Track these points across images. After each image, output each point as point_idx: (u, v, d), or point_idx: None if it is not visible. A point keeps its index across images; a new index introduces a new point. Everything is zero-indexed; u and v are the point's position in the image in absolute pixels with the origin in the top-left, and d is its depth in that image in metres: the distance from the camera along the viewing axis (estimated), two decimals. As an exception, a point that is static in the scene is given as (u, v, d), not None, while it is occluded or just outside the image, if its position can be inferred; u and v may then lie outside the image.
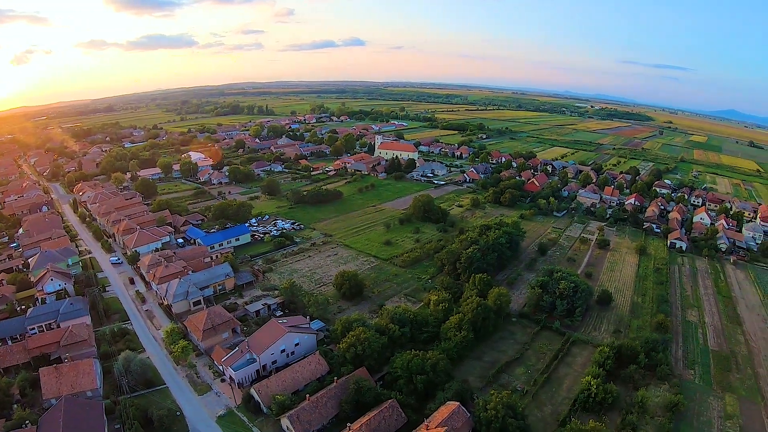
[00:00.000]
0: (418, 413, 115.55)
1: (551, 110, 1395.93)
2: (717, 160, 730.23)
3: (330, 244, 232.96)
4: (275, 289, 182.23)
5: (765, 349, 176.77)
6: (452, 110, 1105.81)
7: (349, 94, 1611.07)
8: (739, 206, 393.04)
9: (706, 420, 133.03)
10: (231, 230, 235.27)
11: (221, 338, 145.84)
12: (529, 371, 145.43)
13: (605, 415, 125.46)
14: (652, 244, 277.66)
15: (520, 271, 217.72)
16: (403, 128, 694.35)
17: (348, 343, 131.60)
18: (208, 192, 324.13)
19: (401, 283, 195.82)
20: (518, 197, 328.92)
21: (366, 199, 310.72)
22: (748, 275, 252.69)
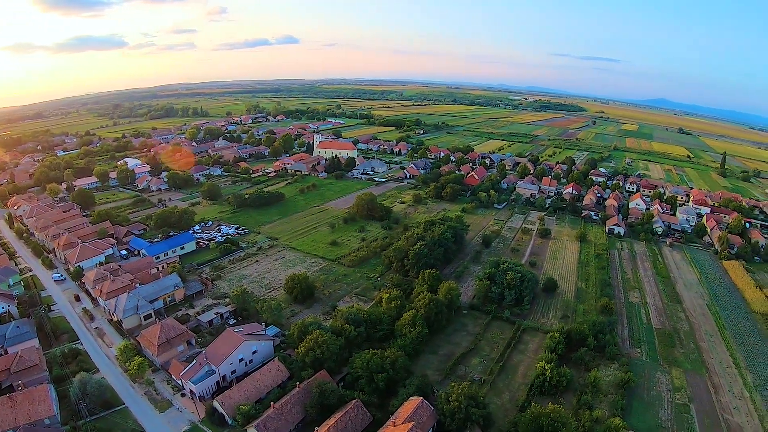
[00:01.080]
0: (382, 411, 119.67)
1: (486, 103, 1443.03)
2: (649, 148, 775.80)
3: (276, 248, 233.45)
4: (226, 297, 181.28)
5: (705, 324, 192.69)
6: (388, 106, 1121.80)
7: (285, 92, 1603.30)
8: (672, 191, 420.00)
9: (656, 394, 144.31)
10: (175, 239, 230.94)
11: (177, 351, 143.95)
12: (485, 361, 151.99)
13: (561, 397, 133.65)
14: (592, 231, 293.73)
15: (466, 264, 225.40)
16: (341, 126, 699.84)
17: (306, 347, 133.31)
18: (147, 200, 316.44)
19: (351, 283, 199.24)
20: (459, 191, 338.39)
21: (308, 200, 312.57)
22: (684, 256, 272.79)
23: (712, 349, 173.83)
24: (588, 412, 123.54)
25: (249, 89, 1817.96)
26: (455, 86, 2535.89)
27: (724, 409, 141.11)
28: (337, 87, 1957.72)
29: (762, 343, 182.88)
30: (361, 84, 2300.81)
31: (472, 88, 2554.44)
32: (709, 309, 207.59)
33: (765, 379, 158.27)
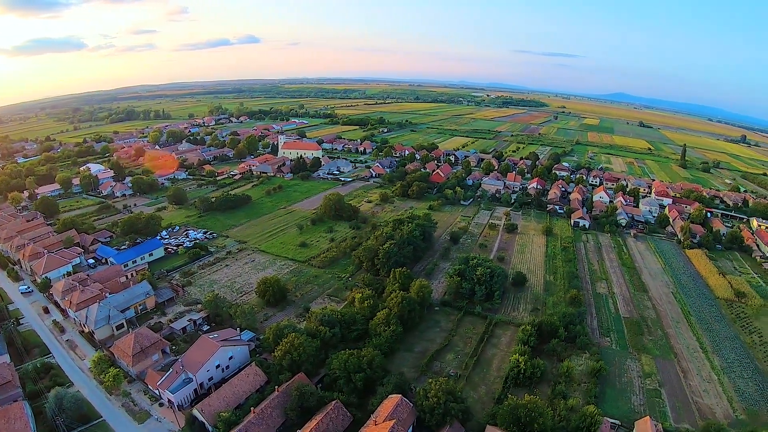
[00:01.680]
0: (362, 410, 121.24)
1: (449, 101, 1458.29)
2: (610, 141, 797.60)
3: (245, 251, 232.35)
4: (198, 303, 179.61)
5: (671, 311, 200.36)
6: (351, 105, 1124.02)
7: (247, 93, 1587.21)
8: (635, 183, 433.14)
9: (627, 380, 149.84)
10: (143, 245, 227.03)
11: (152, 361, 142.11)
12: (459, 356, 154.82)
13: (536, 388, 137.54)
14: (557, 224, 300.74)
15: (435, 261, 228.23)
16: (305, 126, 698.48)
17: (283, 350, 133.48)
18: (112, 206, 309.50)
19: (322, 284, 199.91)
20: (425, 189, 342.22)
21: (275, 202, 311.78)
22: (649, 246, 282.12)
23: (679, 335, 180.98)
24: (563, 401, 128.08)
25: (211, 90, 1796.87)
26: (418, 84, 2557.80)
27: (694, 392, 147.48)
28: (299, 86, 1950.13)
29: (727, 327, 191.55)
30: (323, 83, 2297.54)
31: (434, 85, 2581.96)
32: (675, 297, 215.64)
33: (731, 362, 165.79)
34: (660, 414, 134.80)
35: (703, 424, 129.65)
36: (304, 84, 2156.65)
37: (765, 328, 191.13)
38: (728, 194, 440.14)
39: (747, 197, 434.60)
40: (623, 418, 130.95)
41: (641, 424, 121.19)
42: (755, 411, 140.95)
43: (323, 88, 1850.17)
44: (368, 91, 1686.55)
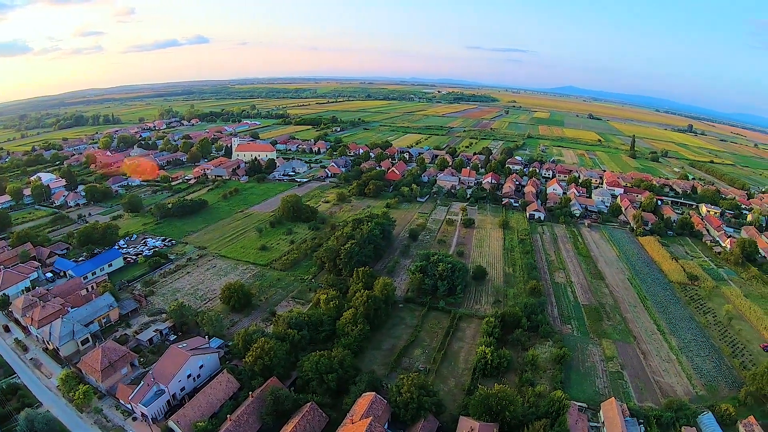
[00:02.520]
0: (337, 410, 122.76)
1: (400, 98, 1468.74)
2: (561, 134, 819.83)
3: (206, 257, 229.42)
4: (162, 313, 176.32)
5: (628, 296, 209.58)
6: (303, 104, 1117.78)
7: (197, 95, 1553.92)
8: (586, 174, 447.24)
9: (590, 365, 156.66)
10: (101, 256, 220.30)
11: (121, 375, 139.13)
12: (426, 351, 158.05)
13: (504, 378, 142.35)
14: (513, 217, 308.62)
15: (396, 258, 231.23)
16: (257, 127, 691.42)
17: (254, 355, 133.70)
18: (66, 216, 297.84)
19: (286, 287, 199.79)
20: (382, 187, 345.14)
21: (232, 205, 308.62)
22: (603, 235, 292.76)
23: (637, 319, 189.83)
24: (531, 389, 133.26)
25: (160, 93, 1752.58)
26: (369, 81, 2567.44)
27: (655, 372, 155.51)
28: (250, 87, 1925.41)
29: (682, 309, 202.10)
30: (274, 83, 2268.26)
31: (385, 82, 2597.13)
32: (631, 282, 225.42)
33: (688, 342, 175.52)
34: (624, 395, 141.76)
35: (665, 401, 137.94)
36: (254, 84, 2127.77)
37: (718, 309, 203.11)
38: (677, 182, 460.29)
39: (695, 184, 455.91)
40: (589, 400, 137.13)
41: (607, 405, 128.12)
42: (714, 386, 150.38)
43: (274, 88, 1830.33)
44: (319, 90, 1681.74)
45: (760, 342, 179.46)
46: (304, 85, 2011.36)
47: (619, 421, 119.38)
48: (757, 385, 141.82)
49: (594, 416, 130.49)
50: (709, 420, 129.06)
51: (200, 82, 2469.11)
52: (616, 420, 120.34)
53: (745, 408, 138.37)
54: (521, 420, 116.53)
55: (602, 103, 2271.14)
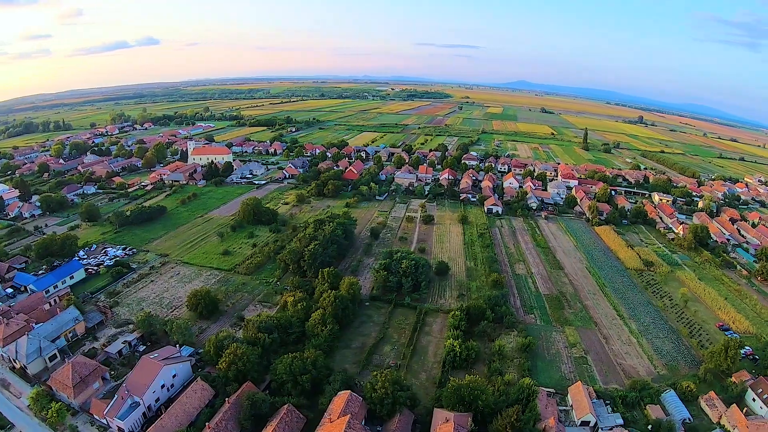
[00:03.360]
0: (313, 410, 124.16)
1: (354, 96, 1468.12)
2: (515, 128, 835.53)
3: (169, 264, 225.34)
4: (129, 324, 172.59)
5: (587, 285, 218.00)
6: (257, 105, 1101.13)
7: (148, 98, 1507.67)
8: (541, 168, 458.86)
9: (555, 351, 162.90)
10: (62, 269, 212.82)
11: (93, 389, 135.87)
12: (396, 347, 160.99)
13: (473, 369, 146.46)
14: (472, 212, 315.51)
15: (359, 257, 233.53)
16: (212, 129, 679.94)
17: (227, 361, 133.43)
18: (22, 228, 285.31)
19: (252, 291, 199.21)
20: (340, 187, 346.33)
21: (191, 211, 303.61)
22: (560, 226, 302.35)
23: (597, 306, 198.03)
24: (500, 378, 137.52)
25: (111, 96, 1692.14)
26: (322, 80, 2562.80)
27: (617, 355, 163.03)
28: (202, 88, 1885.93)
29: (639, 294, 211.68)
30: (226, 83, 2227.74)
31: (338, 81, 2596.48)
32: (589, 271, 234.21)
33: (647, 325, 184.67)
34: (589, 378, 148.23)
35: (629, 382, 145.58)
36: (206, 86, 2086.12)
37: (674, 292, 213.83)
38: (630, 172, 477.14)
39: (647, 174, 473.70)
40: (556, 386, 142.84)
41: (574, 389, 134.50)
42: (674, 365, 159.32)
43: (227, 89, 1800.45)
44: (273, 90, 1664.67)
45: (715, 322, 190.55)
46: (258, 85, 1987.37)
47: (587, 403, 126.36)
48: (715, 362, 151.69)
49: (562, 400, 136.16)
50: (671, 397, 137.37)
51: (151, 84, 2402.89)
52: (583, 402, 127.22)
53: (705, 384, 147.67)
54: (493, 408, 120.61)
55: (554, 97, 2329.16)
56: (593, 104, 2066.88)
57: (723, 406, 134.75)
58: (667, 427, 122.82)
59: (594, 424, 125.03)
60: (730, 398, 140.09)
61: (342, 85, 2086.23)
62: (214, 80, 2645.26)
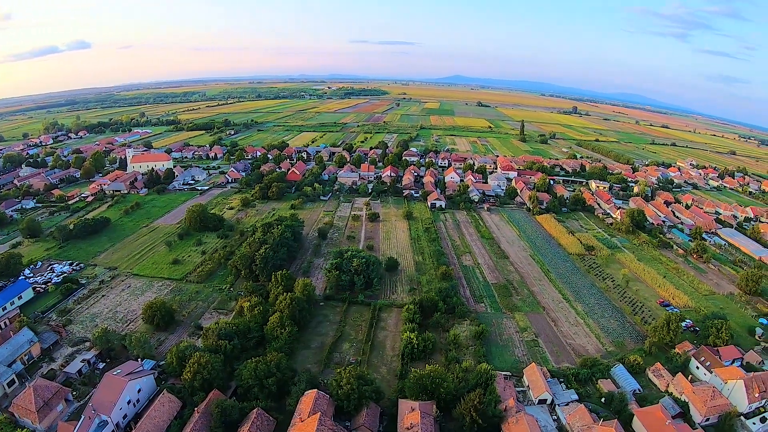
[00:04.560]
0: (282, 412, 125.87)
1: (291, 96, 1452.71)
2: (452, 123, 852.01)
3: (119, 277, 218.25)
4: (86, 341, 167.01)
5: (532, 272, 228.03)
6: (193, 108, 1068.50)
7: (81, 104, 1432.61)
8: (481, 161, 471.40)
9: (507, 337, 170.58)
10: (9, 289, 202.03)
11: (58, 412, 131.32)
12: (354, 344, 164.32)
13: (431, 359, 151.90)
14: (416, 208, 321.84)
15: (309, 258, 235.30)
16: (149, 135, 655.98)
17: (192, 370, 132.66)
18: None
19: (206, 299, 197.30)
20: (284, 189, 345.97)
21: (136, 221, 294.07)
22: (502, 217, 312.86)
23: (544, 291, 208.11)
24: (458, 365, 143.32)
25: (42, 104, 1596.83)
26: (258, 81, 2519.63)
27: (566, 336, 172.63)
28: (137, 93, 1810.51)
29: (583, 278, 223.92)
30: (161, 87, 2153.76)
31: (275, 80, 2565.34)
32: (533, 258, 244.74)
33: (592, 306, 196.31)
34: (542, 359, 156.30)
35: (579, 360, 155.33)
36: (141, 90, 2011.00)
37: (615, 274, 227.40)
38: (566, 162, 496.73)
39: (584, 163, 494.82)
40: (512, 369, 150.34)
41: (529, 370, 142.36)
42: (621, 342, 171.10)
43: (162, 92, 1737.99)
44: (208, 93, 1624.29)
45: (656, 299, 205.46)
46: (193, 88, 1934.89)
47: (542, 383, 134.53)
48: (659, 335, 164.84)
49: (519, 382, 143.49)
50: (620, 371, 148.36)
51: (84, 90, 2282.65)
52: (539, 382, 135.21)
53: (651, 357, 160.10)
54: (455, 394, 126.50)
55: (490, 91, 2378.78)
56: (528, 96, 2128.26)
57: (669, 376, 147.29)
58: (619, 399, 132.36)
59: (551, 401, 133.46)
60: (675, 368, 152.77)
61: (278, 85, 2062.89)
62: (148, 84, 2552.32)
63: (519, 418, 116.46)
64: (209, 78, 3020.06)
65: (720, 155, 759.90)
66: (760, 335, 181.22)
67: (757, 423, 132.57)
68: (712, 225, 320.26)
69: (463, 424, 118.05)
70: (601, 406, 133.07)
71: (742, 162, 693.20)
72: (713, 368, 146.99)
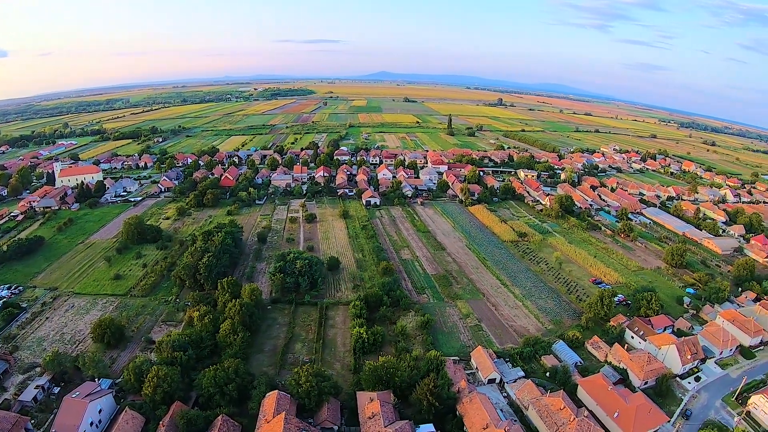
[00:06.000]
0: (245, 416, 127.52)
1: (217, 99, 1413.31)
2: (381, 120, 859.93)
3: (61, 298, 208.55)
4: (37, 367, 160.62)
5: (469, 261, 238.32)
6: (118, 116, 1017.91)
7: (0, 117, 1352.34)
8: (411, 156, 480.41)
9: (452, 324, 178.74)
10: None
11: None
12: (306, 344, 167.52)
13: (382, 351, 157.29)
14: (351, 206, 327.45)
15: (251, 263, 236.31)
16: (75, 147, 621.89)
17: (153, 385, 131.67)
18: None
19: (153, 312, 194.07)
20: (219, 195, 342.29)
21: (71, 237, 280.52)
22: (436, 210, 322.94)
23: (482, 279, 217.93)
24: (408, 355, 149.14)
25: None
26: (182, 84, 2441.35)
27: (507, 319, 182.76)
28: (58, 102, 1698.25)
29: (518, 263, 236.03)
30: (83, 95, 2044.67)
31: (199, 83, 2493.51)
32: (469, 248, 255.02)
33: (529, 289, 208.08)
34: (487, 342, 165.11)
35: (522, 340, 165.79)
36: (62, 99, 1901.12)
37: (548, 257, 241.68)
38: (495, 153, 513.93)
39: (511, 153, 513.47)
40: (459, 353, 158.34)
41: (475, 353, 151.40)
42: (559, 320, 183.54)
43: (84, 101, 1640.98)
44: (133, 99, 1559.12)
45: (588, 278, 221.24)
46: (116, 95, 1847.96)
47: (489, 363, 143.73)
48: (594, 311, 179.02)
49: (468, 365, 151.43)
50: (561, 347, 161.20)
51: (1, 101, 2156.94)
52: (486, 363, 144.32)
53: (588, 331, 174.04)
54: (409, 382, 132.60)
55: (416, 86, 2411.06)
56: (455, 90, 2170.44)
57: (607, 347, 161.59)
58: (562, 372, 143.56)
59: (499, 380, 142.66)
60: (611, 339, 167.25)
61: (203, 88, 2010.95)
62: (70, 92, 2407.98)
63: (472, 398, 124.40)
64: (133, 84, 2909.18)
65: (642, 139, 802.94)
66: (688, 303, 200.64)
67: (692, 382, 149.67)
68: (636, 206, 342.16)
69: (420, 408, 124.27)
70: (547, 380, 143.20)
71: (663, 144, 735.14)
72: (647, 336, 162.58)
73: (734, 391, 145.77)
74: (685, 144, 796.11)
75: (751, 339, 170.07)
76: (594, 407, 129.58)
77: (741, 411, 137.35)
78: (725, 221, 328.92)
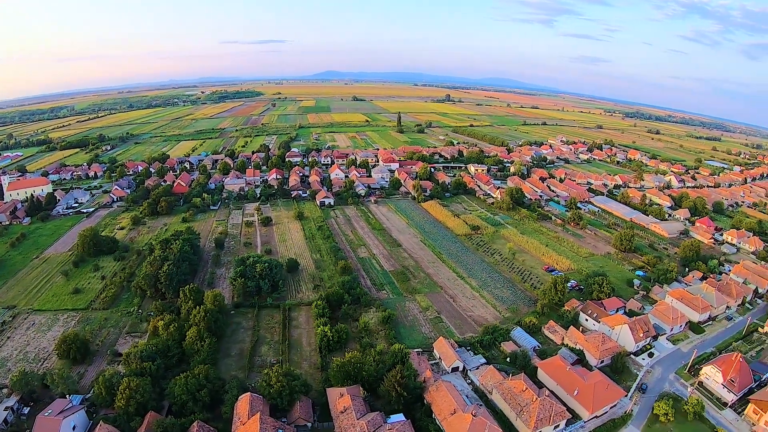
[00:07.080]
0: (219, 421, 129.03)
1: (164, 104, 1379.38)
2: (330, 120, 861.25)
3: (20, 316, 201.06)
4: (2, 388, 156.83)
5: (425, 256, 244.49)
6: (63, 125, 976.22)
7: None
8: (362, 155, 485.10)
9: (413, 317, 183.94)
10: None
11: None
12: (272, 346, 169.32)
13: (347, 348, 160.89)
14: (306, 207, 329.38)
15: (210, 269, 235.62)
16: (21, 159, 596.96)
17: (126, 396, 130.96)
18: None
19: (116, 324, 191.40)
20: (173, 202, 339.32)
21: (24, 253, 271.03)
22: (389, 208, 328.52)
23: (438, 272, 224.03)
24: (373, 350, 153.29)
25: None
26: (128, 90, 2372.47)
27: (465, 309, 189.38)
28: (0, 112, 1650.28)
29: (473, 255, 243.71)
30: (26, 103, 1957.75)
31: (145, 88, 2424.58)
32: (424, 243, 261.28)
33: (485, 279, 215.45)
34: (447, 333, 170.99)
35: (481, 329, 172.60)
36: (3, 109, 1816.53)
37: (502, 248, 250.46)
38: (445, 149, 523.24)
39: (461, 148, 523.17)
40: (422, 345, 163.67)
41: (438, 344, 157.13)
42: (515, 308, 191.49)
43: (27, 110, 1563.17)
44: (77, 106, 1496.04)
45: (542, 266, 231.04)
46: (60, 102, 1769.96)
47: (452, 353, 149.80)
48: (548, 297, 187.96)
49: (431, 355, 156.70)
50: (519, 333, 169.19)
51: None
52: (449, 352, 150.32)
53: (544, 317, 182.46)
54: (376, 375, 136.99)
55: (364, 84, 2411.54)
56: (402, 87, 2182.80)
57: (563, 330, 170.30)
58: (522, 356, 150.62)
59: (462, 368, 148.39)
60: (567, 323, 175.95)
61: (149, 93, 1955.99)
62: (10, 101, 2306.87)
63: (438, 386, 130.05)
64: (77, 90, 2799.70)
65: (588, 130, 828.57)
66: (638, 285, 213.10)
67: (645, 358, 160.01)
68: (585, 195, 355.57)
69: (390, 399, 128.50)
70: (508, 365, 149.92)
71: (609, 135, 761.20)
72: (600, 318, 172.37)
73: (686, 364, 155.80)
74: (630, 133, 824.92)
75: (699, 315, 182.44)
76: (554, 387, 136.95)
77: (694, 382, 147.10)
78: (671, 206, 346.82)
